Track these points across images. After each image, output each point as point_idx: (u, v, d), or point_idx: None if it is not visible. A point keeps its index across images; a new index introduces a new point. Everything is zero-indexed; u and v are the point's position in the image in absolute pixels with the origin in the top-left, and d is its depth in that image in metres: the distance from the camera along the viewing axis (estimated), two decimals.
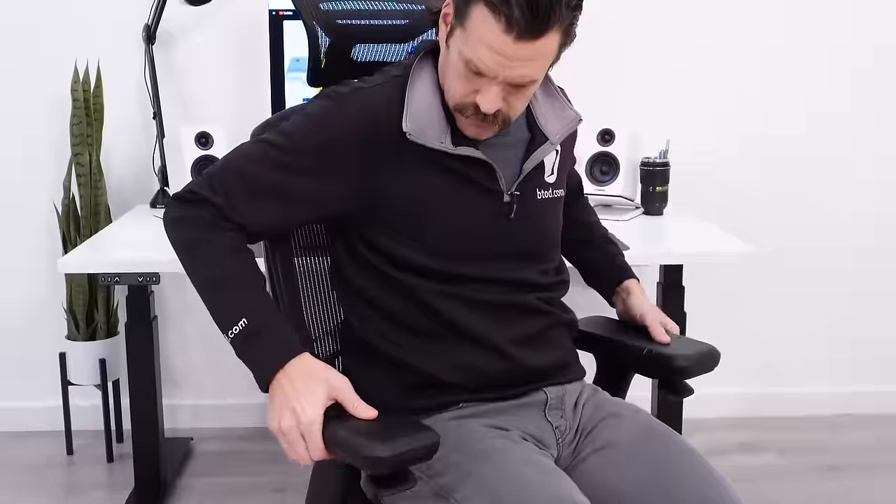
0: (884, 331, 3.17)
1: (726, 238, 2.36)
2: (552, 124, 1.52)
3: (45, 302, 2.92)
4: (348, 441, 1.21)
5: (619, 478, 1.40)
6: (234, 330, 1.31)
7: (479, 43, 1.30)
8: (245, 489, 2.67)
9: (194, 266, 1.37)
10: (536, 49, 1.30)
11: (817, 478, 2.76)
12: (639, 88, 2.92)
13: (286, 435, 1.24)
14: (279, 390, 1.26)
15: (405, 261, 1.43)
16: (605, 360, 1.71)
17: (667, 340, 1.60)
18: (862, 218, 3.09)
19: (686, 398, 1.62)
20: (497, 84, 1.33)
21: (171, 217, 1.42)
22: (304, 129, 1.40)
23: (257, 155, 1.41)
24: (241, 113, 2.84)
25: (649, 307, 1.66)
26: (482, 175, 1.44)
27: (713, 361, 1.59)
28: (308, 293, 1.60)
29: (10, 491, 2.66)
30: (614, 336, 1.67)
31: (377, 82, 1.44)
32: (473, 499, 1.29)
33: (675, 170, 2.65)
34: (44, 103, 2.83)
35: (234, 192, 1.38)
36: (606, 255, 1.76)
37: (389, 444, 1.18)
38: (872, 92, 3.01)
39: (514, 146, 1.48)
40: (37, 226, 2.90)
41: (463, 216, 1.43)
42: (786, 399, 3.18)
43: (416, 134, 1.38)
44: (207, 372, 3.05)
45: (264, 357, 1.30)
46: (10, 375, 2.99)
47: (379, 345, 1.46)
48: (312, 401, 1.23)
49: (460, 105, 1.38)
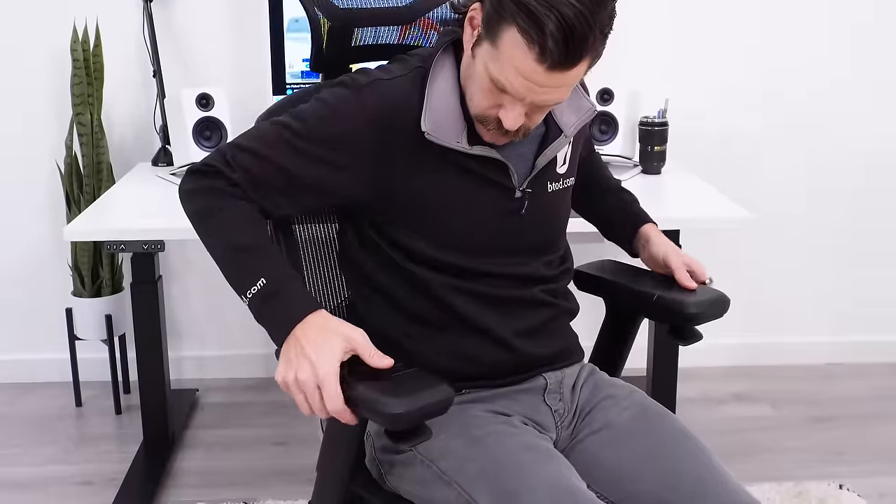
0: (878, 281, 3.22)
1: (724, 203, 2.38)
2: (567, 116, 1.51)
3: (50, 259, 2.96)
4: (365, 397, 1.21)
5: (616, 458, 1.44)
6: (252, 290, 1.31)
7: (510, 66, 1.28)
8: (250, 441, 2.74)
9: (210, 233, 1.38)
10: (567, 77, 1.29)
11: (810, 427, 2.83)
12: (639, 47, 2.92)
13: (304, 385, 1.23)
14: (295, 344, 1.26)
15: (416, 253, 1.45)
16: (614, 305, 1.72)
17: (692, 286, 1.59)
18: (858, 171, 3.11)
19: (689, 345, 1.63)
20: (522, 105, 1.33)
21: (186, 189, 1.42)
22: (321, 117, 1.40)
23: (272, 137, 1.40)
24: (241, 73, 2.85)
25: (672, 250, 1.64)
26: (495, 172, 1.44)
27: (723, 308, 1.59)
28: (311, 268, 1.62)
29: (23, 442, 2.73)
30: (624, 281, 1.67)
31: (397, 73, 1.43)
32: (475, 484, 1.34)
33: (674, 126, 2.67)
34: (44, 62, 2.83)
35: (249, 172, 1.38)
36: (620, 203, 1.75)
37: (405, 399, 1.19)
38: (872, 47, 3.01)
39: (528, 141, 1.47)
40: (39, 184, 2.92)
41: (475, 213, 1.45)
42: (780, 349, 3.24)
43: (434, 133, 1.38)
44: (211, 323, 3.10)
45: (282, 314, 1.30)
46: (18, 328, 3.04)
47: (383, 330, 1.47)
48: (329, 352, 1.23)
49: (482, 117, 1.38)
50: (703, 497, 1.37)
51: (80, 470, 2.58)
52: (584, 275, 1.69)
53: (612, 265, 1.74)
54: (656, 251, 1.66)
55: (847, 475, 2.54)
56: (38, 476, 2.55)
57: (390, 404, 1.19)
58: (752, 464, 2.61)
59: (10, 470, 2.59)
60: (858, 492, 2.42)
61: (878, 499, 2.43)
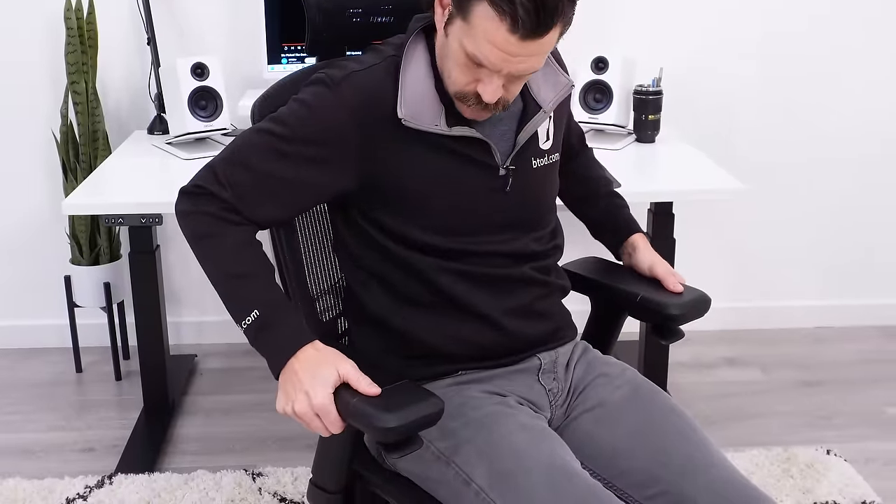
0: (866, 245, 3.25)
1: (717, 174, 2.40)
2: (545, 92, 1.54)
3: (48, 227, 2.98)
4: (359, 413, 1.27)
5: (608, 436, 1.48)
6: (246, 321, 1.37)
7: (483, 40, 1.31)
8: (249, 407, 2.78)
9: (206, 260, 1.42)
10: (541, 45, 1.32)
11: (798, 392, 2.88)
12: (633, 13, 2.92)
13: (302, 416, 1.31)
14: (292, 377, 1.33)
15: (404, 237, 1.47)
16: (599, 303, 1.76)
17: (680, 290, 1.64)
18: (847, 134, 3.12)
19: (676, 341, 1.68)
20: (499, 77, 1.36)
21: (181, 209, 1.45)
22: (301, 118, 1.42)
23: (261, 146, 1.43)
24: (236, 39, 2.85)
25: (658, 260, 1.69)
26: (478, 151, 1.47)
27: (704, 308, 1.65)
28: (308, 248, 1.64)
29: (24, 409, 2.77)
30: (608, 281, 1.72)
31: (371, 63, 1.45)
32: (472, 464, 1.38)
33: (669, 92, 2.68)
34: (37, 30, 2.82)
35: (241, 186, 1.41)
36: (612, 209, 1.77)
37: (397, 413, 1.25)
38: (877, 13, 3.01)
39: (507, 118, 1.50)
40: (36, 153, 2.93)
41: (460, 193, 1.47)
42: (770, 312, 3.28)
43: (411, 119, 1.41)
44: (209, 289, 3.09)
45: (276, 346, 1.36)
46: (18, 295, 3.07)
47: (379, 314, 1.52)
48: (322, 383, 1.30)
49: (461, 94, 1.41)
50: (693, 473, 1.41)
51: (82, 436, 2.63)
52: (569, 273, 1.71)
53: (596, 263, 1.78)
54: (641, 260, 1.70)
55: (834, 440, 2.60)
56: (40, 442, 2.60)
57: (383, 419, 1.25)
58: (742, 429, 2.67)
59: (13, 436, 2.63)
60: (845, 456, 2.48)
61: (864, 464, 2.49)
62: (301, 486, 2.35)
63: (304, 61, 2.65)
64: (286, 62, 2.66)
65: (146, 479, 2.38)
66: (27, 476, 2.40)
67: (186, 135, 2.53)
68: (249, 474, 2.40)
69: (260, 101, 1.56)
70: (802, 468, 2.42)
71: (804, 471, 2.41)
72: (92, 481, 2.37)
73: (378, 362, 1.49)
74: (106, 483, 2.36)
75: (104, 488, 2.34)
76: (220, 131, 2.57)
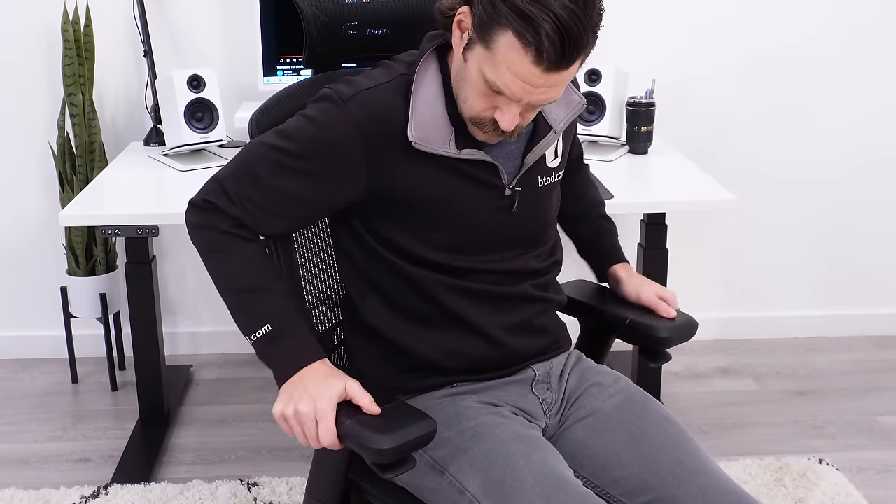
0: (859, 255, 3.26)
1: (709, 185, 2.42)
2: (556, 111, 1.53)
3: (44, 238, 2.99)
4: (354, 433, 1.30)
5: (602, 444, 1.50)
6: (257, 334, 1.39)
7: (505, 69, 1.31)
8: (244, 417, 2.79)
9: (218, 275, 1.43)
10: (563, 77, 1.32)
11: (791, 402, 2.90)
12: (626, 26, 2.94)
13: (303, 417, 1.32)
14: (299, 383, 1.35)
15: (408, 252, 1.48)
16: (588, 326, 1.78)
17: (673, 315, 1.65)
18: (839, 145, 3.14)
19: (663, 364, 1.71)
20: (518, 105, 1.36)
21: (192, 222, 1.45)
22: (310, 134, 1.42)
23: (269, 161, 1.43)
24: (232, 52, 2.86)
25: (644, 288, 1.69)
26: (485, 172, 1.47)
27: (692, 331, 1.66)
28: (305, 258, 1.65)
29: (20, 419, 2.78)
30: (598, 304, 1.74)
31: (381, 81, 1.44)
32: (466, 474, 1.39)
33: (661, 104, 2.70)
34: (34, 42, 2.84)
35: (250, 202, 1.42)
36: (602, 234, 1.79)
37: (390, 435, 1.27)
38: (866, 26, 3.04)
39: (516, 139, 1.48)
40: (32, 165, 2.94)
41: (466, 213, 1.47)
42: (762, 322, 3.29)
43: (421, 141, 1.41)
44: (204, 299, 3.13)
45: (287, 359, 1.38)
46: (14, 305, 3.08)
47: (377, 325, 1.53)
48: (329, 392, 1.32)
49: (477, 119, 1.40)
50: (685, 481, 1.42)
51: (78, 447, 2.63)
52: None
53: (585, 286, 1.80)
54: (628, 292, 1.71)
55: (827, 449, 2.61)
56: (36, 453, 2.60)
57: (377, 440, 1.27)
58: (735, 438, 2.68)
59: (9, 447, 2.63)
60: (838, 466, 2.49)
61: (856, 473, 2.50)
62: (296, 496, 2.36)
63: (301, 73, 2.67)
64: (282, 74, 2.68)
65: (142, 489, 2.38)
66: (23, 486, 2.41)
67: (183, 146, 2.55)
68: (245, 484, 2.41)
69: (258, 114, 1.57)
70: (795, 477, 2.43)
71: (797, 480, 2.42)
72: (88, 491, 2.37)
73: (374, 372, 1.51)
74: (102, 493, 2.37)
75: (100, 498, 2.35)
76: (217, 143, 2.58)
